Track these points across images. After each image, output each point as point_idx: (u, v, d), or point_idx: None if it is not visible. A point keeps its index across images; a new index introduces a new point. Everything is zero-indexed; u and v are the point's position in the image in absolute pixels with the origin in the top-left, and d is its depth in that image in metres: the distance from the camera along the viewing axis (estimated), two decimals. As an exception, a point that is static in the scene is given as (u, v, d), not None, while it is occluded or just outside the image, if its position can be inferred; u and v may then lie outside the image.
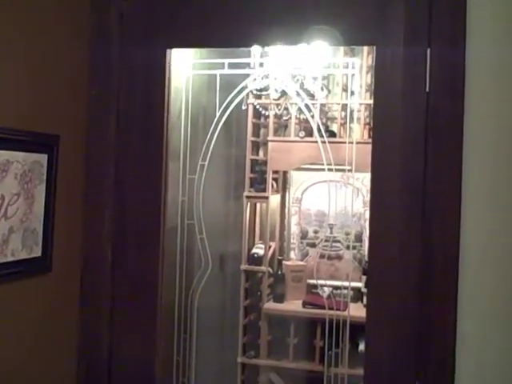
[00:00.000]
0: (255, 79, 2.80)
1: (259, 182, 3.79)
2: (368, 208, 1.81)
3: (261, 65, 2.72)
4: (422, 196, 1.67)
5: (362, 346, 3.39)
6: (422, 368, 1.66)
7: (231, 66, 2.51)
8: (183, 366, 2.22)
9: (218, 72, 2.47)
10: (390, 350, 1.69)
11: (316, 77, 2.87)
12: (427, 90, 1.65)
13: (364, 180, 3.67)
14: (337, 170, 2.87)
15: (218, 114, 2.43)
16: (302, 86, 2.90)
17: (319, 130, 2.80)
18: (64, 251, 1.79)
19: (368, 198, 2.84)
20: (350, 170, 2.82)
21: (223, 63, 2.48)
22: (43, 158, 1.68)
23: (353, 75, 2.70)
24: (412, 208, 1.68)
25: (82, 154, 1.87)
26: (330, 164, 2.81)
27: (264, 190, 3.73)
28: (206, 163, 2.36)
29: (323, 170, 3.13)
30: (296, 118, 3.54)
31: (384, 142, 1.72)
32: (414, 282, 1.68)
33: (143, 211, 1.85)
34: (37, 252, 1.68)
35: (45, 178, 1.69)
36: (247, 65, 2.66)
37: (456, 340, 1.63)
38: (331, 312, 3.06)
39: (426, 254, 1.66)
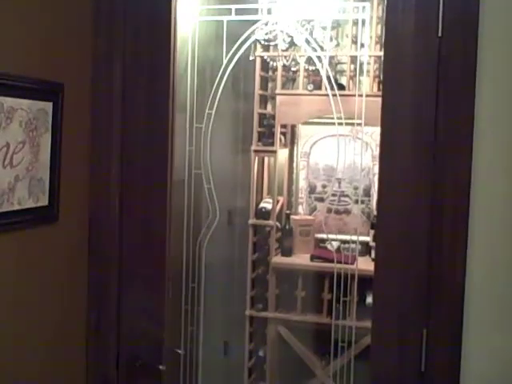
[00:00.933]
0: (263, 28, 2.74)
1: (267, 136, 3.76)
2: (377, 162, 1.79)
3: (269, 11, 2.65)
4: (433, 147, 1.64)
5: (369, 299, 3.41)
6: (429, 317, 1.65)
7: (238, 12, 2.45)
8: (191, 314, 2.24)
9: (224, 18, 2.41)
10: (399, 298, 1.68)
11: (325, 26, 2.81)
12: (439, 34, 1.60)
13: (373, 134, 3.64)
14: (346, 124, 2.83)
15: (224, 62, 2.38)
16: (311, 33, 2.84)
17: (329, 81, 2.75)
18: (71, 201, 1.79)
19: (377, 152, 2.82)
20: (359, 124, 2.77)
21: (230, 9, 2.42)
22: (48, 106, 1.66)
23: (363, 22, 2.63)
24: (422, 159, 1.66)
25: (87, 103, 1.84)
26: (340, 118, 2.77)
27: (272, 144, 3.71)
28: (213, 112, 2.32)
29: (332, 124, 3.09)
30: (304, 70, 3.49)
31: (394, 91, 1.68)
32: (424, 232, 1.66)
33: (150, 161, 1.83)
34: (43, 201, 1.68)
35: (50, 126, 1.68)
36: (255, 11, 2.60)
37: (465, 289, 1.63)
38: (339, 265, 3.06)
39: (436, 204, 1.64)
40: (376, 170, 3.69)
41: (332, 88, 2.76)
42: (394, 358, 1.70)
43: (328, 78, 2.79)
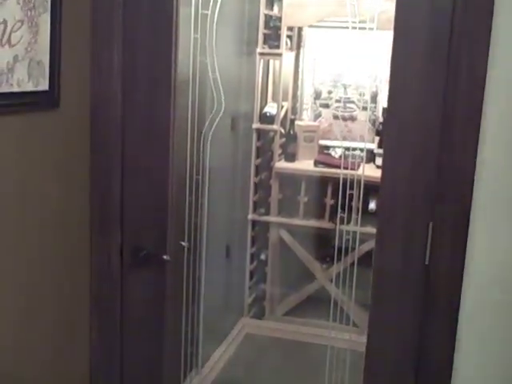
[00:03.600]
0: None
1: (273, 39, 3.66)
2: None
3: None
4: (449, 34, 1.56)
5: (372, 205, 3.42)
6: (436, 210, 1.64)
7: None
8: (195, 207, 2.23)
9: None
10: (406, 189, 1.66)
11: None
12: None
13: (383, 40, 3.52)
14: (353, 28, 2.73)
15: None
16: None
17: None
18: (72, 87, 1.73)
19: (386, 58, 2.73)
20: (371, 29, 2.68)
21: None
22: (46, -15, 1.58)
23: None
24: (437, 47, 1.59)
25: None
26: (348, 22, 2.66)
27: (278, 47, 3.61)
28: (220, -1, 2.23)
29: (340, 27, 2.99)
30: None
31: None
32: (434, 127, 1.62)
33: (154, 45, 1.76)
34: (44, 85, 1.62)
35: (49, 6, 1.60)
36: None
37: (474, 182, 1.60)
38: (343, 171, 3.04)
39: (449, 98, 1.58)
40: (383, 76, 3.61)
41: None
42: (398, 251, 1.70)
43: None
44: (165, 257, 1.84)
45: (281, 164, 3.68)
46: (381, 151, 3.43)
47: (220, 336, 3.33)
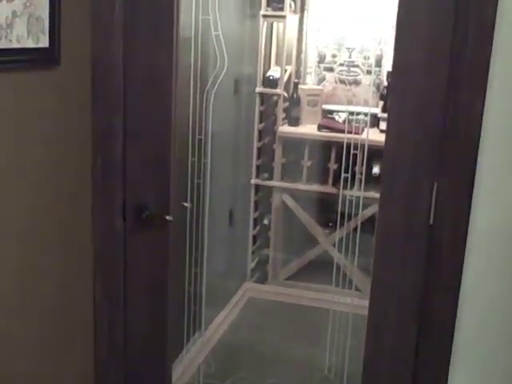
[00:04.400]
0: None
1: (277, 1, 3.60)
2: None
3: None
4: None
5: (375, 170, 3.40)
6: (442, 170, 1.62)
7: None
8: (198, 167, 2.22)
9: None
10: (411, 149, 1.64)
11: None
12: None
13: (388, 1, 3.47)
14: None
15: None
16: None
17: None
18: (73, 44, 1.70)
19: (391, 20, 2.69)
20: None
21: None
22: None
23: None
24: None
25: None
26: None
27: (281, 10, 3.55)
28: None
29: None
30: None
31: None
32: (440, 87, 1.59)
33: (156, 0, 1.73)
34: (44, 42, 1.59)
35: (48, -41, 1.56)
36: None
37: (479, 143, 1.58)
38: (347, 136, 3.01)
39: (456, 53, 1.55)
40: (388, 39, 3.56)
41: None
42: (402, 210, 1.68)
43: None
44: (167, 217, 1.83)
45: (284, 128, 3.65)
46: (385, 115, 3.40)
47: (223, 300, 3.35)
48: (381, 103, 3.65)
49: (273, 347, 2.95)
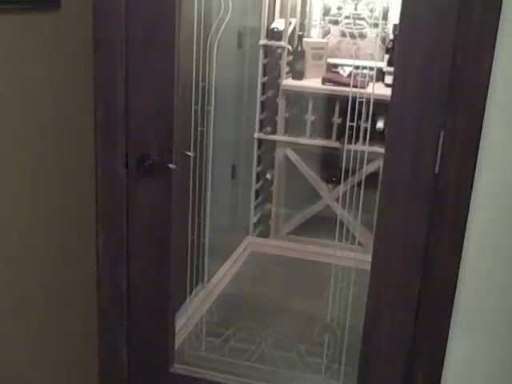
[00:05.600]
0: None
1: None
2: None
3: None
4: None
5: (380, 124, 3.37)
6: (448, 118, 1.60)
7: None
8: (202, 115, 2.19)
9: None
10: (416, 97, 1.62)
11: None
12: None
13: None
14: None
15: None
16: None
17: None
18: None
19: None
20: None
21: None
22: None
23: None
24: None
25: None
26: None
27: (286, -41, 3.48)
28: None
29: None
30: None
31: None
32: (449, 33, 1.56)
33: None
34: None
35: None
36: None
37: (488, 90, 1.55)
38: (352, 89, 2.97)
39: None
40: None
41: None
42: (408, 159, 1.67)
43: None
44: (170, 165, 1.82)
45: (288, 82, 3.60)
46: (390, 69, 3.35)
47: (225, 254, 3.36)
48: (386, 57, 3.59)
49: (275, 299, 2.97)
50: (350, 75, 3.36)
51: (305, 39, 3.70)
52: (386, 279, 1.81)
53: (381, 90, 3.18)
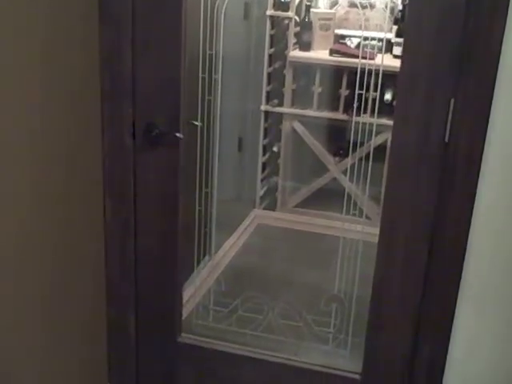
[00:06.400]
0: None
1: None
2: None
3: None
4: None
5: (387, 96, 3.34)
6: (459, 86, 1.58)
7: None
8: (209, 83, 2.17)
9: None
10: (427, 66, 1.59)
11: None
12: None
13: None
14: None
15: None
16: None
17: None
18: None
19: None
20: None
21: None
22: None
23: None
24: None
25: None
26: None
27: None
28: None
29: None
30: None
31: None
32: (461, 4, 1.53)
33: None
34: None
35: None
36: None
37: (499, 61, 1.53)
38: (359, 61, 2.93)
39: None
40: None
41: None
42: (418, 128, 1.65)
43: None
44: (177, 134, 1.81)
45: (295, 53, 3.56)
46: (399, 40, 3.31)
47: (232, 226, 3.36)
48: (395, 28, 3.54)
49: (282, 271, 2.98)
50: (357, 46, 3.32)
51: (312, 10, 3.65)
52: (394, 249, 1.80)
53: (389, 62, 3.14)
